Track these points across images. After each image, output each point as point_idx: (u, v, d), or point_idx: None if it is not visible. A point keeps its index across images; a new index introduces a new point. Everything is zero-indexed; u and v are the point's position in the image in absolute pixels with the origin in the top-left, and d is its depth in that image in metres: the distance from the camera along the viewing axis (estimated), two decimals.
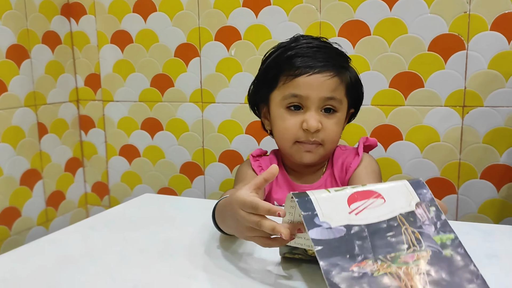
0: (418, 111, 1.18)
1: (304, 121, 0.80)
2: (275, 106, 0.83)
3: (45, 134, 1.43)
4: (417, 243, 0.51)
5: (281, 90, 0.81)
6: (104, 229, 0.77)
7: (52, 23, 1.43)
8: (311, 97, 0.79)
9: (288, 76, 0.80)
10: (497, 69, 1.10)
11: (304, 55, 0.80)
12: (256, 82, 0.89)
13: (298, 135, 0.81)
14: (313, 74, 0.79)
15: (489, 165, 1.15)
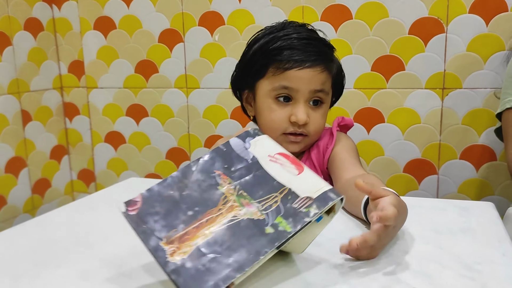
0: (399, 94, 1.20)
1: (293, 114, 0.80)
2: (263, 96, 0.83)
3: (29, 121, 1.42)
4: (265, 209, 0.52)
5: (271, 81, 0.81)
6: (90, 212, 0.78)
7: (34, 9, 1.42)
8: (301, 90, 0.80)
9: (278, 68, 0.80)
10: (476, 52, 1.13)
11: (295, 47, 0.80)
12: (242, 68, 0.88)
13: (285, 127, 0.81)
14: (304, 68, 0.79)
15: (468, 145, 1.18)
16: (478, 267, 0.55)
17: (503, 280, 0.52)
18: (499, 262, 0.56)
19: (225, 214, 0.52)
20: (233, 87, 0.93)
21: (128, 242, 0.64)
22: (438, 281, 0.52)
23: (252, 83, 0.85)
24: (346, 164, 0.80)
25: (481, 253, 0.58)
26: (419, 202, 0.79)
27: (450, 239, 0.63)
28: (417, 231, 0.66)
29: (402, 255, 0.58)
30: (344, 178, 0.77)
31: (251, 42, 0.87)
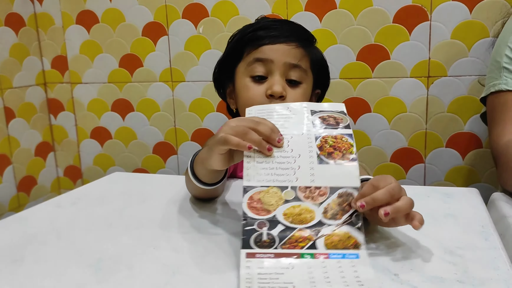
0: (385, 83, 1.20)
1: (269, 88, 0.78)
2: (240, 78, 0.83)
3: (13, 118, 1.40)
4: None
5: (245, 60, 0.81)
6: (72, 207, 0.77)
7: (14, 4, 1.39)
8: (276, 61, 0.78)
9: (253, 46, 0.80)
10: (460, 39, 1.12)
11: (269, 27, 0.81)
12: (221, 61, 0.89)
13: (262, 103, 0.79)
14: (278, 43, 0.79)
15: (454, 133, 1.18)
16: (460, 252, 0.55)
17: (485, 265, 0.52)
18: (481, 247, 0.56)
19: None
20: (216, 84, 0.92)
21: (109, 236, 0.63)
22: (421, 267, 0.52)
23: (232, 71, 0.85)
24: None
25: (463, 238, 0.59)
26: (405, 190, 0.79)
27: (433, 225, 0.63)
28: None
29: (385, 243, 0.58)
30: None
31: (230, 40, 0.89)
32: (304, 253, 0.51)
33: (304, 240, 0.52)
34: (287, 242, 0.52)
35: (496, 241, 0.57)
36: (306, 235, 0.52)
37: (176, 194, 0.81)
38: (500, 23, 1.06)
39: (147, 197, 0.81)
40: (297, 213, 0.54)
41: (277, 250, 0.51)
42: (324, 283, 0.47)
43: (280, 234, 0.52)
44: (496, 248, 0.55)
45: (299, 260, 0.50)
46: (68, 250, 0.59)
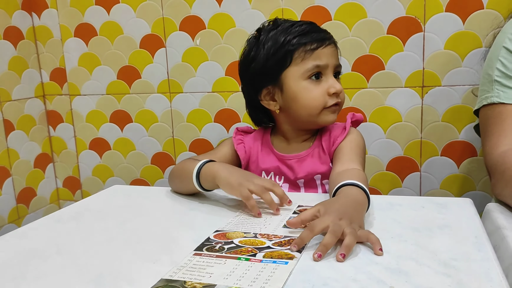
0: (380, 93, 1.21)
1: (330, 87, 0.87)
2: (294, 82, 0.87)
3: (12, 131, 1.41)
4: None
5: (301, 65, 0.86)
6: (72, 221, 0.78)
7: (13, 18, 1.41)
8: (330, 65, 0.87)
9: (306, 52, 0.86)
10: (453, 50, 1.14)
11: (310, 31, 0.88)
12: (259, 67, 0.89)
13: (326, 101, 0.87)
14: (327, 46, 0.87)
15: (449, 142, 1.20)
16: (454, 263, 0.56)
17: (479, 276, 0.53)
18: (475, 258, 0.57)
19: None
20: (250, 91, 0.94)
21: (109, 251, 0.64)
22: (415, 278, 0.52)
23: (277, 76, 0.88)
24: (343, 158, 0.87)
25: (457, 250, 0.60)
26: (399, 200, 0.80)
27: (427, 236, 0.64)
28: (395, 229, 0.67)
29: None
30: (336, 170, 0.83)
31: (254, 46, 0.90)
32: (242, 257, 0.59)
33: (248, 251, 0.61)
34: (232, 251, 0.61)
35: (489, 252, 0.59)
36: (250, 249, 0.62)
37: (174, 207, 0.82)
38: (492, 34, 1.09)
39: (147, 210, 0.82)
40: (251, 241, 0.64)
41: (221, 254, 0.60)
42: (237, 277, 0.54)
43: (230, 247, 0.63)
44: (489, 259, 0.56)
45: (235, 260, 0.58)
46: (68, 265, 0.60)
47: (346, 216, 0.63)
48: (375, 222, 0.71)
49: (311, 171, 0.91)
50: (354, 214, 0.66)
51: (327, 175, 0.91)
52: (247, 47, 0.92)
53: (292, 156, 0.93)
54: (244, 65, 0.93)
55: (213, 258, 0.59)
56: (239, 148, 0.95)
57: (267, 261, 0.57)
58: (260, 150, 0.96)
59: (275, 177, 0.94)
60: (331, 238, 0.59)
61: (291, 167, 0.92)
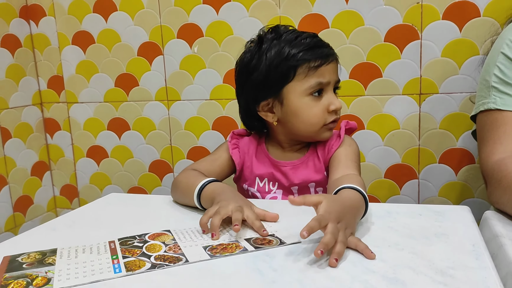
0: (378, 101, 1.21)
1: (330, 104, 0.87)
2: (296, 97, 0.87)
3: (9, 139, 1.41)
4: None
5: (303, 81, 0.85)
6: (67, 229, 0.77)
7: (11, 26, 1.41)
8: (331, 82, 0.88)
9: (310, 68, 0.85)
10: (450, 57, 1.14)
11: (314, 46, 0.87)
12: (261, 79, 0.88)
13: (326, 118, 0.88)
14: (330, 63, 0.87)
15: (447, 149, 1.19)
16: (451, 272, 0.55)
17: (476, 285, 0.52)
18: (472, 266, 0.57)
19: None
20: (247, 99, 0.93)
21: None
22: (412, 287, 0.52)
23: (278, 89, 0.87)
24: (339, 165, 0.87)
25: (454, 258, 0.59)
26: (397, 208, 0.80)
27: (424, 244, 0.63)
28: (392, 237, 0.66)
29: (377, 262, 0.59)
30: (333, 178, 0.84)
31: (256, 55, 0.88)
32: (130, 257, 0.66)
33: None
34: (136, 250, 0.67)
35: (487, 260, 0.58)
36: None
37: (171, 215, 0.81)
38: (489, 42, 1.09)
39: (143, 218, 0.81)
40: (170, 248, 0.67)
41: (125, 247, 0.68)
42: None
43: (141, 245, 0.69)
44: (486, 268, 0.56)
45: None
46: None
47: (343, 220, 0.64)
48: (372, 229, 0.70)
49: (306, 178, 0.91)
50: (351, 220, 0.66)
51: (322, 183, 0.91)
52: (248, 54, 0.90)
53: (286, 162, 0.93)
54: (243, 73, 0.91)
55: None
56: (234, 153, 0.95)
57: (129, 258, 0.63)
58: (255, 155, 0.96)
59: (269, 183, 0.94)
60: (330, 239, 0.59)
61: (286, 173, 0.92)
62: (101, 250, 0.67)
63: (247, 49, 0.92)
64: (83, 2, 1.41)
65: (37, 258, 0.65)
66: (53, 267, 0.62)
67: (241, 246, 0.65)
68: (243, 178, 0.97)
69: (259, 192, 0.94)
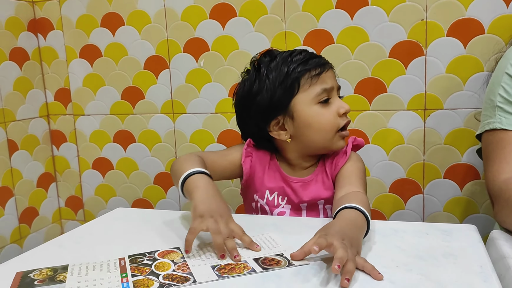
0: (382, 116, 1.22)
1: (339, 107, 0.89)
2: (305, 108, 0.88)
3: (16, 151, 1.42)
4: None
5: (309, 91, 0.88)
6: (75, 246, 0.77)
7: (19, 39, 1.43)
8: (334, 87, 0.90)
9: (312, 77, 0.88)
10: (455, 73, 1.15)
11: (310, 57, 0.90)
12: (267, 98, 0.89)
13: (339, 122, 0.89)
14: (329, 70, 0.90)
15: (452, 164, 1.20)
16: None
17: None
18: None
19: None
20: (257, 123, 0.93)
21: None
22: None
23: (286, 105, 0.89)
24: (344, 182, 0.88)
25: (462, 280, 0.59)
26: (403, 226, 0.80)
27: (432, 265, 0.64)
28: (400, 257, 0.67)
29: (386, 283, 0.59)
30: (338, 196, 0.84)
31: (257, 80, 0.90)
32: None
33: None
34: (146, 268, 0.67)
35: (495, 282, 0.58)
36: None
37: (177, 231, 0.82)
38: (493, 59, 1.10)
39: (150, 235, 0.82)
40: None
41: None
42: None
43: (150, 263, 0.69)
44: None
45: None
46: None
47: (346, 237, 0.64)
48: (379, 249, 0.70)
49: (315, 196, 0.91)
50: (353, 238, 0.67)
51: (330, 200, 0.91)
52: (247, 82, 0.92)
53: (297, 179, 0.94)
54: (246, 100, 0.92)
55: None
56: (246, 162, 0.95)
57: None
58: (267, 167, 0.96)
59: (279, 197, 0.94)
60: (343, 253, 0.60)
61: (295, 190, 0.93)
62: (111, 268, 0.67)
63: (244, 79, 0.94)
64: (91, 16, 1.42)
65: (49, 275, 0.66)
66: (63, 284, 0.62)
67: (249, 266, 0.66)
68: (254, 188, 0.96)
69: (267, 205, 0.94)
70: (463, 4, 1.11)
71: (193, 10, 1.32)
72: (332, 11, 1.21)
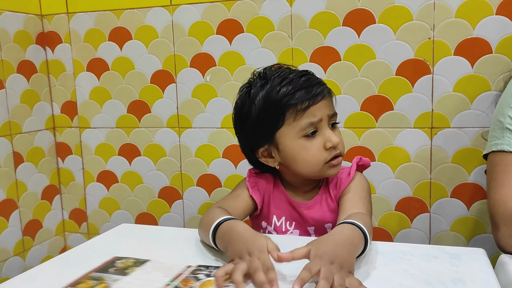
0: (389, 133, 1.22)
1: (326, 141, 0.84)
2: (289, 141, 0.85)
3: (21, 163, 1.42)
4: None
5: (293, 125, 0.84)
6: (80, 264, 0.77)
7: (27, 52, 1.43)
8: (324, 118, 0.85)
9: (297, 112, 0.83)
10: (462, 92, 1.15)
11: (301, 87, 0.84)
12: (253, 127, 0.88)
13: (325, 156, 0.85)
14: (321, 100, 0.84)
15: (459, 183, 1.19)
16: None
17: None
18: None
19: None
20: (247, 149, 0.93)
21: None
22: None
23: (271, 136, 0.87)
24: (347, 204, 0.85)
25: None
26: (411, 248, 0.79)
27: None
28: (408, 282, 0.66)
29: None
30: (341, 218, 0.81)
31: (247, 101, 0.87)
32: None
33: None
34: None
35: None
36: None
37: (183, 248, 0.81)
38: (501, 78, 1.09)
39: (155, 252, 0.81)
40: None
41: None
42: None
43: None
44: None
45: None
46: None
47: (337, 259, 0.63)
48: (386, 273, 0.70)
49: (321, 219, 0.90)
50: (346, 257, 0.65)
51: None
52: (239, 100, 0.90)
53: (301, 203, 0.92)
54: (238, 122, 0.91)
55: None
56: (254, 192, 0.92)
57: None
58: (272, 192, 0.95)
59: (286, 222, 0.93)
60: (324, 285, 0.59)
61: (301, 214, 0.92)
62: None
63: (239, 95, 0.91)
64: (99, 30, 1.43)
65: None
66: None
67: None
68: (262, 216, 0.95)
69: (275, 231, 0.93)
70: (471, 24, 1.11)
71: (200, 25, 1.33)
72: (339, 28, 1.21)
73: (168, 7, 1.35)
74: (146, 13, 1.38)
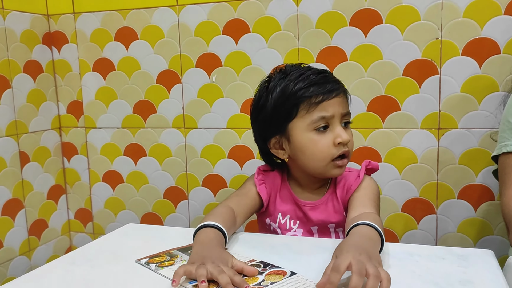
0: (395, 134, 1.21)
1: (336, 136, 0.85)
2: (300, 133, 0.87)
3: (27, 163, 1.42)
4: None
5: (305, 118, 0.86)
6: (86, 264, 0.77)
7: (33, 52, 1.44)
8: (336, 115, 0.86)
9: (310, 104, 0.85)
10: (470, 93, 1.14)
11: (317, 82, 0.86)
12: (267, 117, 0.90)
13: (333, 152, 0.86)
14: (333, 97, 0.86)
15: (466, 185, 1.18)
16: None
17: None
18: None
19: None
20: (260, 138, 0.94)
21: None
22: None
23: (283, 127, 0.88)
24: (357, 204, 0.86)
25: None
26: (418, 249, 0.79)
27: None
28: (416, 284, 0.65)
29: None
30: (350, 217, 0.82)
31: (264, 93, 0.90)
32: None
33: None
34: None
35: None
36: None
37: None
38: (510, 79, 1.08)
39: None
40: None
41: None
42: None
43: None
44: None
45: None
46: None
47: (364, 251, 0.63)
48: (394, 274, 0.69)
49: (325, 219, 0.90)
50: (371, 249, 0.66)
51: (341, 224, 0.90)
52: (258, 93, 0.93)
53: (306, 202, 0.93)
54: (254, 112, 0.93)
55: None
56: (261, 189, 0.94)
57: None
58: (279, 190, 0.95)
59: (290, 221, 0.93)
60: (358, 280, 0.58)
61: (305, 213, 0.92)
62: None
63: (259, 89, 0.94)
64: (105, 30, 1.43)
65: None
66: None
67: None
68: (267, 213, 0.96)
69: (280, 228, 0.93)
70: (479, 24, 1.11)
71: (206, 25, 1.33)
72: (345, 28, 1.20)
73: (174, 7, 1.35)
74: (152, 13, 1.38)
